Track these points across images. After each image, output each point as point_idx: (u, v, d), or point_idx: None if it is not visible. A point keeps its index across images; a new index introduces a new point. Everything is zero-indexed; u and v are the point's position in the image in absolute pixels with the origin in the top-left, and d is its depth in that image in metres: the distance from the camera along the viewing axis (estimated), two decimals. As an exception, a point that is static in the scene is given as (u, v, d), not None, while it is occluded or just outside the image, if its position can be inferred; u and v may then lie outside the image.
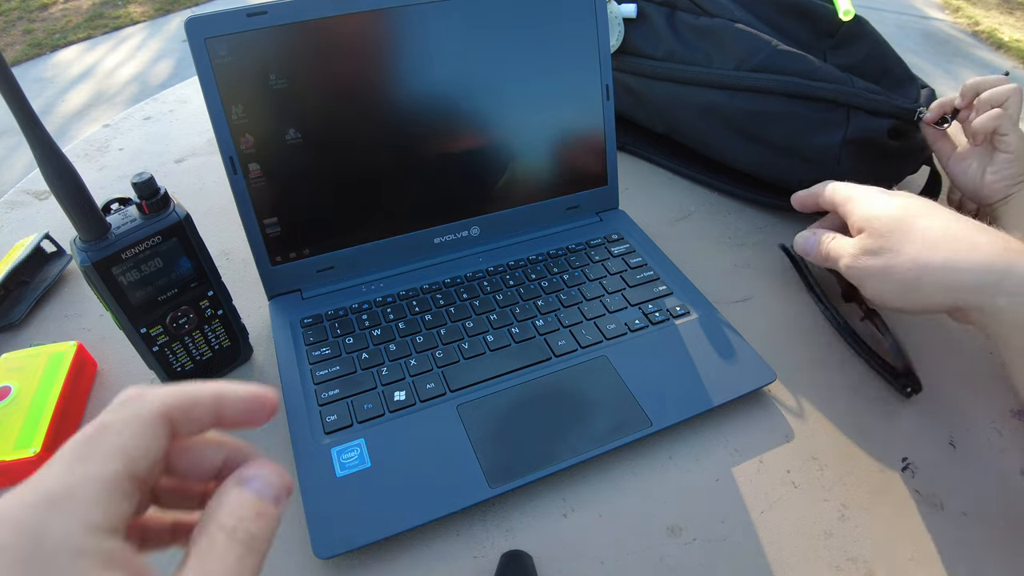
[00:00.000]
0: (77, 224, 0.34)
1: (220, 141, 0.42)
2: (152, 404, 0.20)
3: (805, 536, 0.35)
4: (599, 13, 0.49)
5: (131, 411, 0.20)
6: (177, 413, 0.21)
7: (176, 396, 0.21)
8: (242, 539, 0.19)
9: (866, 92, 0.51)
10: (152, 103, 0.81)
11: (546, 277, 0.49)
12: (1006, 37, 3.10)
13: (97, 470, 0.18)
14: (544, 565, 0.33)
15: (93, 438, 0.19)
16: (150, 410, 0.20)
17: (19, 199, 0.64)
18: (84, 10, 3.54)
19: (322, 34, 0.42)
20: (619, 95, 0.63)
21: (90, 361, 0.45)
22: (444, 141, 0.48)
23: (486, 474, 0.36)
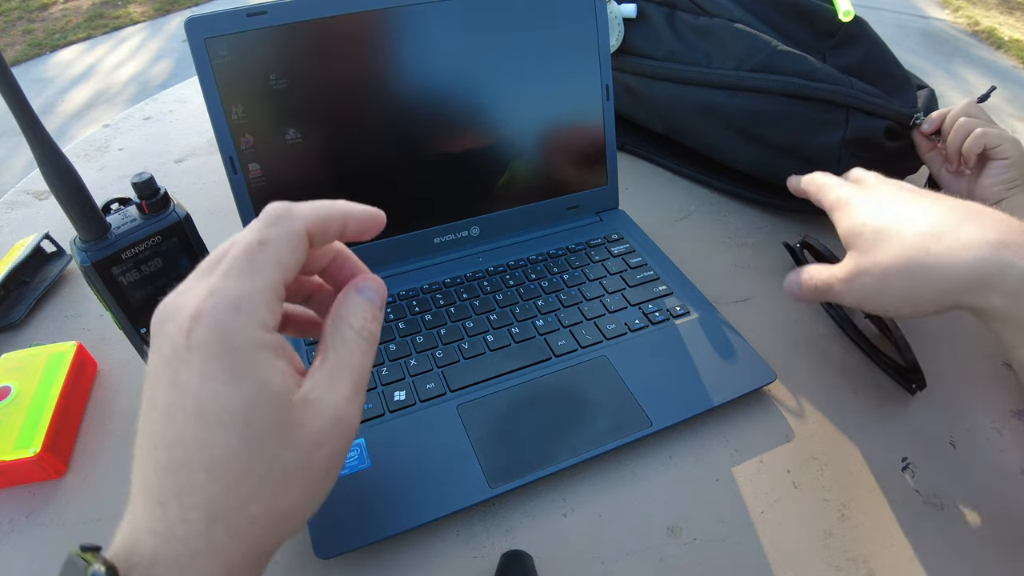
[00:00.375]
0: (77, 224, 0.34)
1: (220, 141, 0.42)
2: (301, 222, 0.25)
3: (805, 536, 0.35)
4: (599, 13, 0.49)
5: (284, 229, 0.24)
6: (316, 229, 0.25)
7: (318, 213, 0.25)
8: (367, 337, 0.26)
9: (864, 94, 0.51)
10: (152, 103, 0.81)
11: (546, 277, 0.49)
12: (1006, 37, 3.10)
13: (264, 281, 0.23)
14: (544, 565, 0.33)
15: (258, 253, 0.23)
16: (299, 228, 0.24)
17: (19, 199, 0.64)
18: (84, 10, 3.54)
19: (322, 34, 0.42)
20: (619, 95, 0.63)
21: (90, 361, 0.45)
22: (444, 141, 0.48)
23: (486, 474, 0.36)
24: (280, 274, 0.24)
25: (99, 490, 0.38)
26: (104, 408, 0.43)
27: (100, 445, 0.40)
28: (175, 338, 0.22)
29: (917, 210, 0.34)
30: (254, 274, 0.23)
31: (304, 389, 0.24)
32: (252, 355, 0.22)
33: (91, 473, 0.39)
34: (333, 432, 0.24)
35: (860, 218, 0.35)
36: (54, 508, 0.37)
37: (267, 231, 0.24)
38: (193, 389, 0.21)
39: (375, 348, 0.27)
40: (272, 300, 0.23)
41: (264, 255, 0.23)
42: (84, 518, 0.36)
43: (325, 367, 0.25)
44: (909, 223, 0.33)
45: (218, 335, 0.22)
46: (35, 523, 0.36)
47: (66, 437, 0.40)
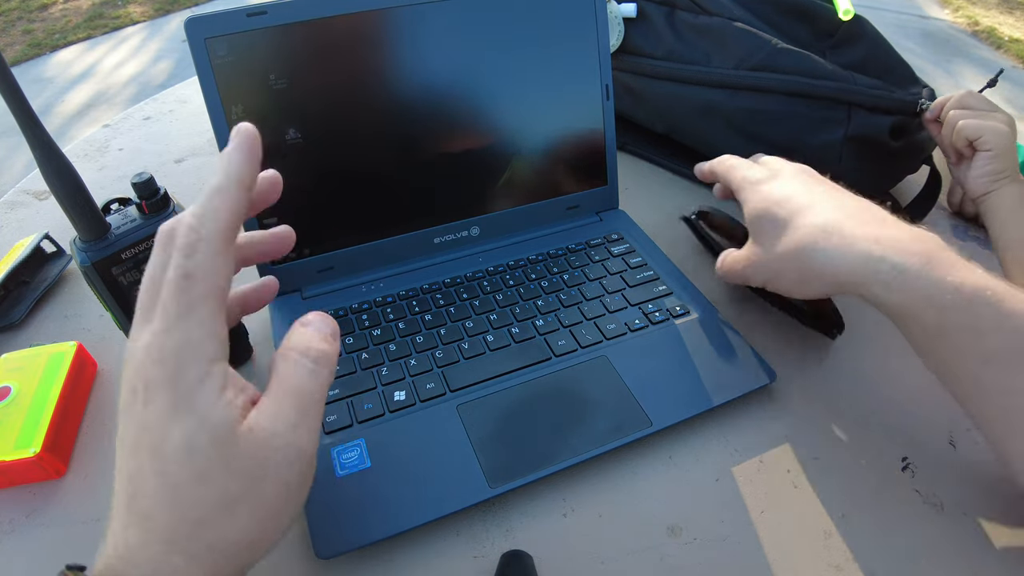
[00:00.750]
0: (77, 224, 0.34)
1: (220, 141, 0.42)
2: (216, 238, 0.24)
3: (805, 536, 0.35)
4: (599, 13, 0.49)
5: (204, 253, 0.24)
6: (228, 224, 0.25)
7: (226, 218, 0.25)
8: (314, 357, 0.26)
9: (867, 88, 0.51)
10: (152, 103, 0.81)
11: (546, 277, 0.49)
12: (1006, 36, 3.10)
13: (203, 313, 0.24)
14: (544, 565, 0.33)
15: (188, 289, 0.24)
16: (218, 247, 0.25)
17: (19, 199, 0.64)
18: (84, 10, 3.54)
19: (322, 34, 0.42)
20: (619, 95, 0.63)
21: (90, 361, 0.45)
22: (444, 141, 0.48)
23: (486, 474, 0.36)
24: (213, 301, 0.24)
25: (99, 490, 0.38)
26: (104, 408, 0.43)
27: (100, 445, 0.40)
28: (134, 382, 0.24)
29: (812, 203, 0.37)
30: (191, 311, 0.24)
31: (249, 419, 0.24)
32: (195, 389, 0.23)
33: (91, 473, 0.39)
34: (280, 461, 0.24)
35: (762, 204, 0.39)
36: (54, 508, 0.37)
37: (187, 264, 0.24)
38: (146, 424, 0.23)
39: (326, 371, 0.26)
40: (213, 330, 0.24)
41: (193, 290, 0.24)
42: (84, 518, 0.36)
43: (270, 395, 0.25)
44: (803, 215, 0.36)
45: (166, 373, 0.23)
46: (35, 523, 0.36)
47: (66, 437, 0.40)
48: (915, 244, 0.33)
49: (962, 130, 0.48)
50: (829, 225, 0.35)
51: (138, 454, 0.23)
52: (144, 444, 0.23)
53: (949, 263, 0.32)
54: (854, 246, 0.34)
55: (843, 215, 0.35)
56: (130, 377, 0.24)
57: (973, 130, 0.48)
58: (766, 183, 0.40)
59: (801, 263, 0.36)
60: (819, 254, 0.35)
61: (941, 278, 0.31)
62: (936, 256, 0.32)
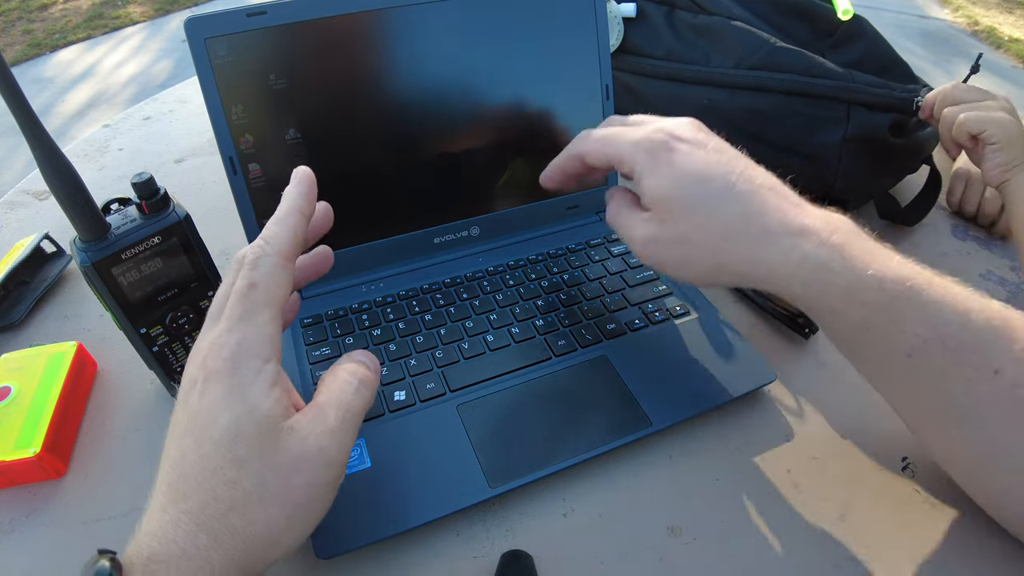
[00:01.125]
0: (77, 224, 0.34)
1: (220, 141, 0.42)
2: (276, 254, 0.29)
3: (805, 536, 0.35)
4: (599, 13, 0.49)
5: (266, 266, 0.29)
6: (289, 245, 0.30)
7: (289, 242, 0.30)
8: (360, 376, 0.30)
9: (866, 86, 0.51)
10: (152, 103, 0.81)
11: (546, 277, 0.49)
12: (1005, 36, 3.10)
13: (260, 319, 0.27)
14: (544, 565, 0.33)
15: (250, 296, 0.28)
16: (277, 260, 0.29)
17: (19, 199, 0.64)
18: (84, 10, 3.54)
19: (322, 34, 0.42)
20: (619, 94, 0.63)
21: (90, 361, 0.45)
22: (444, 141, 0.48)
23: (486, 474, 0.36)
24: (273, 308, 0.28)
25: (99, 490, 0.38)
26: (104, 408, 0.43)
27: (100, 445, 0.40)
28: (193, 373, 0.27)
29: (728, 185, 0.32)
30: (252, 315, 0.27)
31: (292, 420, 0.27)
32: (250, 381, 0.26)
33: (91, 473, 0.39)
34: (313, 461, 0.26)
35: (670, 182, 0.33)
36: (54, 508, 0.37)
37: (252, 275, 0.28)
38: (199, 411, 0.26)
39: (368, 393, 0.30)
40: (269, 335, 0.28)
41: (255, 297, 0.28)
42: (84, 518, 0.36)
43: (316, 403, 0.28)
44: (722, 199, 0.32)
45: (225, 365, 0.26)
46: (35, 523, 0.36)
47: (66, 437, 0.40)
48: (833, 236, 0.31)
49: (963, 125, 0.48)
50: (750, 213, 0.32)
51: (185, 439, 0.26)
52: (193, 429, 0.25)
53: (868, 253, 0.31)
54: (777, 242, 0.31)
55: (762, 200, 0.32)
56: (190, 371, 0.27)
57: (975, 124, 0.47)
58: (670, 151, 0.33)
59: (716, 260, 0.33)
60: (736, 248, 0.32)
61: (862, 272, 0.30)
62: (854, 246, 0.31)
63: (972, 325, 0.29)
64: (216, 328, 0.27)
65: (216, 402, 0.25)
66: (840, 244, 0.30)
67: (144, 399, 0.43)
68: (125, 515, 0.36)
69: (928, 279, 0.30)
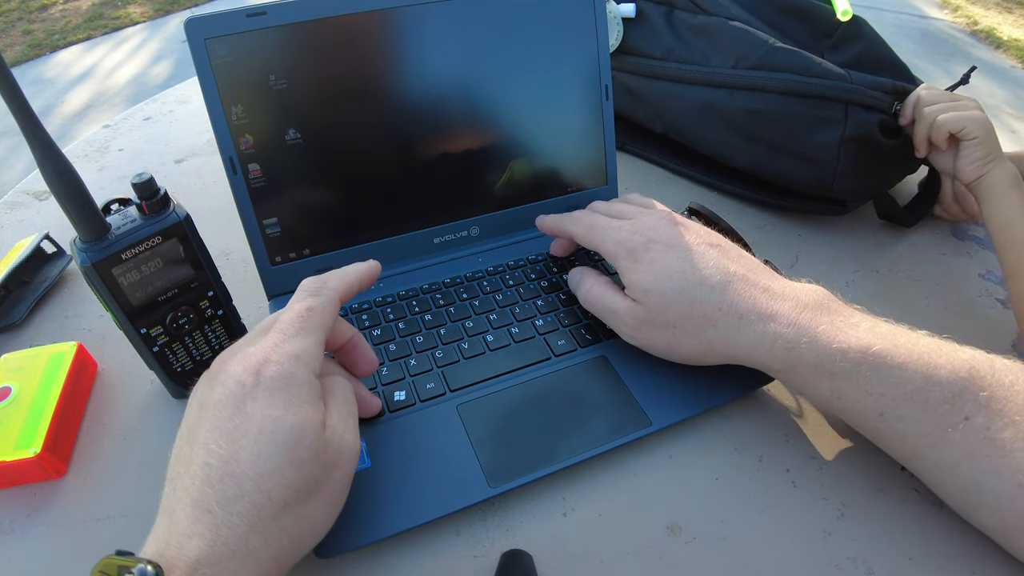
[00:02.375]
0: (77, 225, 0.34)
1: (220, 141, 0.42)
2: (335, 291, 0.33)
3: (805, 536, 0.35)
4: (598, 13, 0.49)
5: (325, 296, 0.33)
6: (344, 291, 0.34)
7: (344, 279, 0.35)
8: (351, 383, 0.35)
9: (864, 87, 0.51)
10: (152, 103, 0.81)
11: (546, 277, 0.49)
12: (1004, 36, 3.10)
13: (314, 338, 0.31)
14: (544, 565, 0.33)
15: (308, 317, 0.31)
16: (333, 296, 0.33)
17: (19, 200, 0.64)
18: (84, 11, 3.54)
19: (322, 34, 0.42)
20: (618, 95, 0.63)
21: (90, 361, 0.45)
22: (444, 141, 0.48)
23: (486, 474, 0.36)
24: (324, 332, 0.32)
25: (99, 490, 0.38)
26: (104, 408, 0.43)
27: (100, 445, 0.40)
28: (243, 377, 0.28)
29: (704, 279, 0.36)
30: (307, 333, 0.31)
31: (330, 423, 0.30)
32: (305, 392, 0.29)
33: (91, 473, 0.39)
34: (347, 456, 0.30)
35: (651, 278, 0.37)
36: (54, 508, 0.37)
37: (312, 300, 0.32)
38: (257, 416, 0.27)
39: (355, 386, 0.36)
40: (319, 352, 0.31)
41: (312, 319, 0.31)
42: (84, 518, 0.36)
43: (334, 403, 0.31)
44: (699, 290, 0.36)
45: (282, 376, 0.28)
46: (35, 523, 0.36)
47: (66, 437, 0.40)
48: (802, 315, 0.34)
49: (943, 125, 0.49)
50: (725, 303, 0.35)
51: (239, 439, 0.26)
52: (249, 430, 0.27)
53: (834, 327, 0.34)
54: (751, 327, 0.35)
55: (735, 291, 0.36)
56: (237, 373, 0.28)
57: (955, 123, 0.49)
58: (648, 251, 0.38)
59: (696, 342, 0.37)
60: (717, 333, 0.36)
61: (827, 346, 0.33)
62: (820, 323, 0.34)
63: (938, 380, 0.32)
64: (268, 339, 0.30)
65: (277, 407, 0.27)
66: (807, 323, 0.34)
67: (144, 399, 0.43)
68: (125, 515, 0.36)
69: (892, 342, 0.33)
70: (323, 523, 0.29)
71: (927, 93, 0.51)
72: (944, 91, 0.52)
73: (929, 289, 0.52)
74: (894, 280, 0.53)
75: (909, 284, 0.52)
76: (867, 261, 0.54)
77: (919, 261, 0.55)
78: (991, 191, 0.48)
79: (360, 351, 0.36)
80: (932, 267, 0.54)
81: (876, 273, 0.53)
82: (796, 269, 0.53)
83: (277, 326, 0.31)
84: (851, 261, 0.54)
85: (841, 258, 0.54)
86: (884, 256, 0.55)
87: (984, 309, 0.50)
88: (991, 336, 0.48)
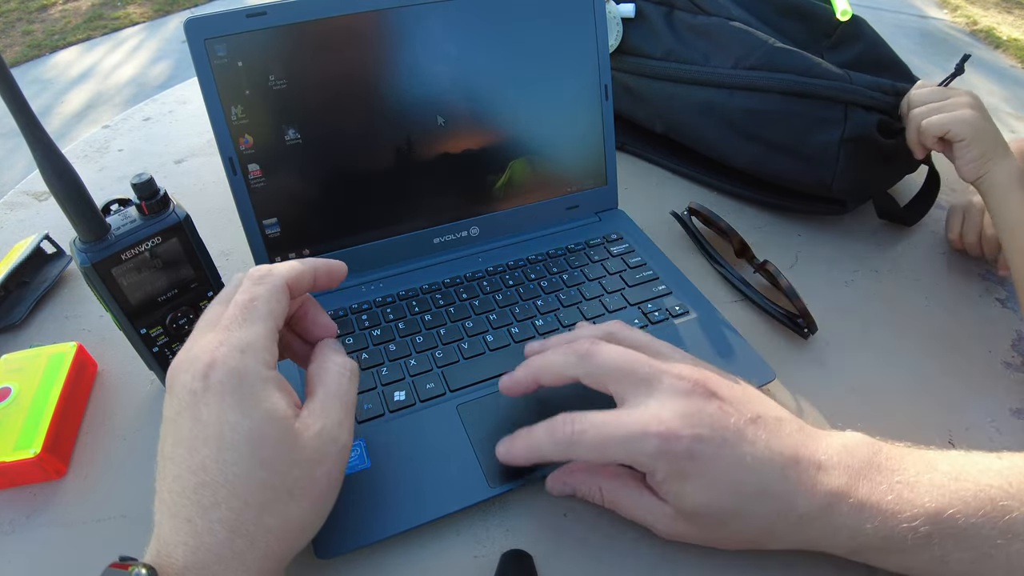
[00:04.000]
0: (77, 225, 0.34)
1: (219, 142, 0.42)
2: (280, 277, 0.31)
3: (805, 535, 0.35)
4: (598, 13, 0.49)
5: (268, 284, 0.30)
6: (293, 282, 0.31)
7: (293, 269, 0.32)
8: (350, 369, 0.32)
9: (864, 88, 0.51)
10: (151, 104, 0.81)
11: (545, 277, 0.49)
12: (1004, 36, 3.10)
13: (260, 329, 0.29)
14: (544, 564, 0.33)
15: (252, 307, 0.29)
16: (279, 283, 0.30)
17: (19, 200, 0.64)
18: (83, 11, 3.54)
19: (321, 35, 0.42)
20: (618, 95, 0.63)
21: (90, 362, 0.45)
22: (443, 141, 0.48)
23: (486, 474, 0.36)
24: (272, 321, 0.29)
25: (99, 490, 0.38)
26: (104, 409, 0.43)
27: (100, 445, 0.40)
28: (193, 384, 0.27)
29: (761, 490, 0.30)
30: (252, 324, 0.29)
31: (303, 416, 0.29)
32: (259, 389, 0.27)
33: (91, 473, 0.39)
34: (330, 451, 0.29)
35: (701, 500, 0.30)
36: (54, 508, 0.37)
37: (255, 289, 0.30)
38: (213, 422, 0.26)
39: (357, 379, 0.32)
40: (269, 343, 0.29)
41: (256, 308, 0.29)
42: (84, 518, 0.36)
43: (317, 398, 0.30)
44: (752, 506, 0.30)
45: (231, 375, 0.27)
46: (35, 523, 0.36)
47: (66, 438, 0.40)
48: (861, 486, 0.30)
49: (927, 129, 0.48)
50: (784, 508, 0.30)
51: (201, 450, 0.26)
52: (209, 439, 0.26)
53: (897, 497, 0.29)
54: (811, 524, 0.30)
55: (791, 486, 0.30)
56: (185, 379, 0.27)
57: (938, 127, 0.47)
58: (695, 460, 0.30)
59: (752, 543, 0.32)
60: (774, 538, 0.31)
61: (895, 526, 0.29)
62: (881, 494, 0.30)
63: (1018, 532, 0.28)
64: (210, 336, 0.28)
65: (230, 410, 0.26)
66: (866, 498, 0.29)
67: (144, 399, 0.43)
68: (125, 515, 0.36)
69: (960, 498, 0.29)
70: (312, 521, 0.28)
71: (917, 93, 0.50)
72: (936, 87, 0.51)
73: (929, 289, 0.52)
74: (894, 280, 0.53)
75: (909, 284, 0.52)
76: (867, 261, 0.54)
77: (919, 261, 0.55)
78: (993, 190, 0.46)
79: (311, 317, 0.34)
80: (932, 267, 0.54)
81: (876, 273, 0.53)
82: (796, 269, 0.53)
83: (222, 322, 0.29)
84: (851, 261, 0.54)
85: (841, 258, 0.54)
86: (884, 256, 0.55)
87: (984, 309, 0.50)
88: (991, 336, 0.48)
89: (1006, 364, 0.45)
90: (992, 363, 0.45)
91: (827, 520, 0.30)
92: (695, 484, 0.30)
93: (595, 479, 0.34)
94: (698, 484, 0.30)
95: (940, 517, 0.29)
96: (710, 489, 0.30)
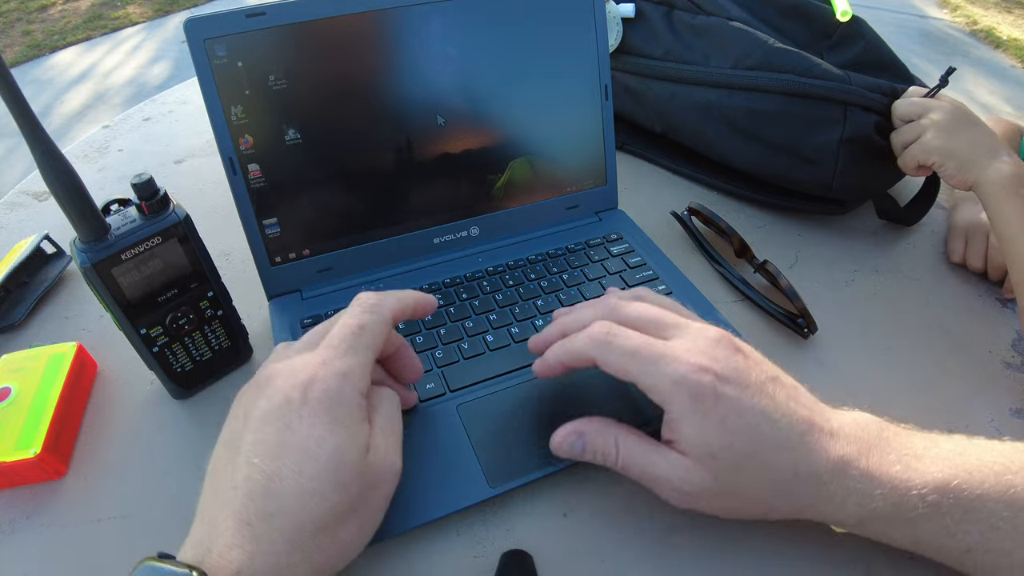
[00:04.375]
0: (77, 225, 0.34)
1: (219, 142, 0.42)
2: (389, 310, 0.33)
3: (805, 535, 0.35)
4: (598, 13, 0.49)
5: (377, 315, 0.32)
6: (398, 314, 0.33)
7: (400, 302, 0.34)
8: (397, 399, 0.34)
9: (864, 89, 0.51)
10: (151, 104, 0.81)
11: (545, 277, 0.49)
12: (1004, 36, 3.11)
13: (362, 358, 0.30)
14: (544, 564, 0.33)
15: (359, 335, 0.31)
16: (387, 315, 0.32)
17: (19, 200, 0.64)
18: (83, 11, 3.54)
19: (321, 35, 0.42)
20: (618, 95, 0.63)
21: (90, 362, 0.45)
22: (443, 141, 0.48)
23: (486, 474, 0.36)
24: (373, 352, 0.31)
25: (99, 490, 0.38)
26: (104, 409, 0.43)
27: (100, 446, 0.40)
28: (290, 393, 0.28)
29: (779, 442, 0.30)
30: (356, 351, 0.30)
31: (373, 443, 0.30)
32: (351, 413, 0.29)
33: (91, 474, 0.39)
34: (389, 478, 0.30)
35: (720, 442, 0.30)
36: (54, 509, 0.37)
37: (365, 317, 0.31)
38: (302, 434, 0.27)
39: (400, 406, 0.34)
40: (366, 372, 0.30)
41: (363, 337, 0.31)
42: (84, 519, 0.36)
43: (380, 423, 0.31)
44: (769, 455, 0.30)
45: (328, 394, 0.28)
46: (35, 524, 0.36)
47: (66, 438, 0.40)
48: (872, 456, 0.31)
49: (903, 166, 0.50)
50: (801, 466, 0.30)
51: (281, 456, 0.27)
52: (294, 447, 0.27)
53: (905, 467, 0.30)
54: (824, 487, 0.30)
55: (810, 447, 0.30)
56: (285, 388, 0.28)
57: (910, 160, 0.50)
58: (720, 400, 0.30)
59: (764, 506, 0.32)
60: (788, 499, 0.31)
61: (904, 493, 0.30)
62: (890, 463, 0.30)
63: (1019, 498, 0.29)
64: (318, 354, 0.30)
65: (321, 426, 0.27)
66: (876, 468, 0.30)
67: (144, 399, 0.43)
68: (125, 516, 0.36)
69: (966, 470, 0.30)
70: (360, 541, 0.29)
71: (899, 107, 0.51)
72: (917, 100, 0.50)
73: (929, 289, 0.52)
74: (894, 280, 0.53)
75: (909, 284, 0.52)
76: (867, 261, 0.54)
77: (919, 261, 0.55)
78: (986, 197, 0.46)
79: (405, 360, 0.36)
80: (932, 267, 0.54)
81: (876, 273, 0.53)
82: (796, 269, 0.53)
83: (327, 341, 0.30)
84: (851, 261, 0.54)
85: (841, 258, 0.54)
86: (884, 256, 0.55)
87: (984, 309, 0.50)
88: (991, 336, 0.48)
89: (1006, 364, 0.45)
90: (992, 363, 0.45)
91: (838, 484, 0.30)
92: (712, 423, 0.30)
93: (611, 430, 0.33)
94: (716, 423, 0.30)
95: (947, 487, 0.30)
96: (728, 430, 0.30)
